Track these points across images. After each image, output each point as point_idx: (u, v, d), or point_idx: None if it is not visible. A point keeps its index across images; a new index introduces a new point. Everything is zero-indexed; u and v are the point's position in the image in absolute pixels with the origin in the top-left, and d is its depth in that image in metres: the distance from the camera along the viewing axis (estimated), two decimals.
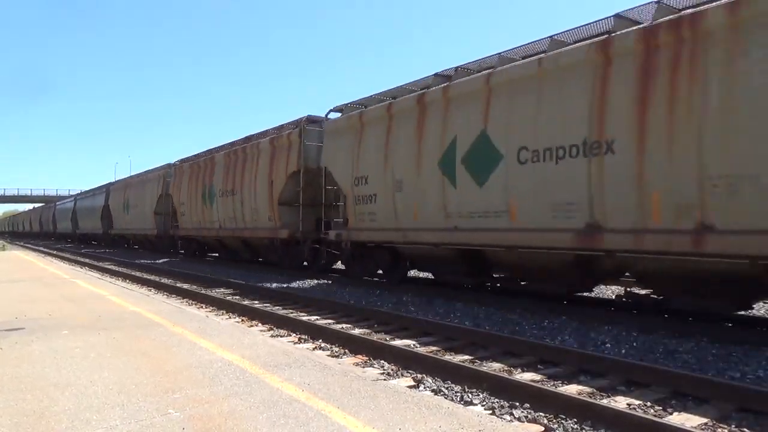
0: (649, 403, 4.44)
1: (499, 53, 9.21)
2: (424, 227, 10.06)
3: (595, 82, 7.34)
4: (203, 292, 11.47)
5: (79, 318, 6.80)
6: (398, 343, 6.51)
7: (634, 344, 6.30)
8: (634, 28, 7.17)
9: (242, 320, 8.39)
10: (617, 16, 7.50)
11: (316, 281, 13.11)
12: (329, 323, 7.89)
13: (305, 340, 6.90)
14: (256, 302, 10.08)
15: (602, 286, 10.54)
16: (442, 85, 9.90)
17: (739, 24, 5.99)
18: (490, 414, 4.07)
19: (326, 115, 13.31)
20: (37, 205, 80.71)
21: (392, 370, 5.47)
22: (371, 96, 12.16)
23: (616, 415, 3.91)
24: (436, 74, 10.38)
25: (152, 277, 14.75)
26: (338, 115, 12.97)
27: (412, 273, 13.26)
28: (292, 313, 8.87)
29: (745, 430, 3.91)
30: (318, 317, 8.54)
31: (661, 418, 4.06)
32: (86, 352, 4.97)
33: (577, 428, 3.89)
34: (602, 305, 8.76)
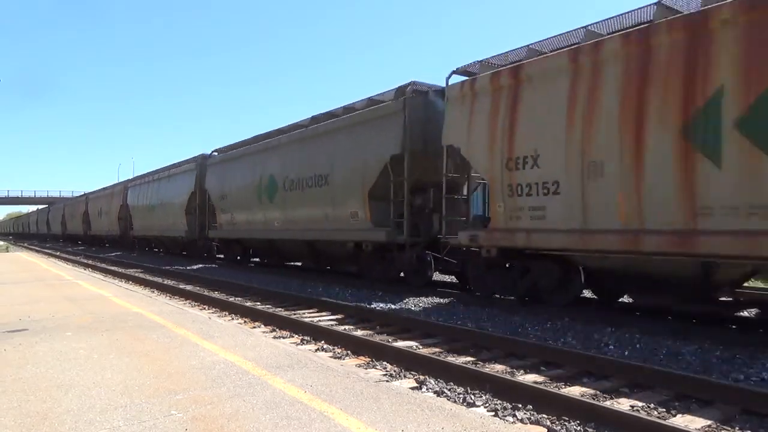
0: (652, 405, 4.43)
1: None
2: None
3: None
4: (206, 293, 11.48)
5: (82, 319, 6.82)
6: (401, 344, 6.51)
7: (638, 346, 6.29)
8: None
9: (245, 321, 8.40)
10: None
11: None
12: (331, 324, 7.89)
13: (308, 342, 6.90)
14: (258, 303, 10.08)
15: None
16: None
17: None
18: (493, 416, 4.07)
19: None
20: (40, 206, 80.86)
21: (395, 371, 5.47)
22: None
23: (620, 417, 3.90)
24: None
25: (155, 279, 14.76)
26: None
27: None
28: (294, 314, 8.88)
29: None
30: (320, 319, 8.54)
31: (665, 420, 4.05)
32: (89, 353, 4.99)
33: (580, 430, 3.88)
34: (605, 307, 8.73)
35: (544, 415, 4.11)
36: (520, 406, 4.30)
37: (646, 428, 3.72)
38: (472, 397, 4.58)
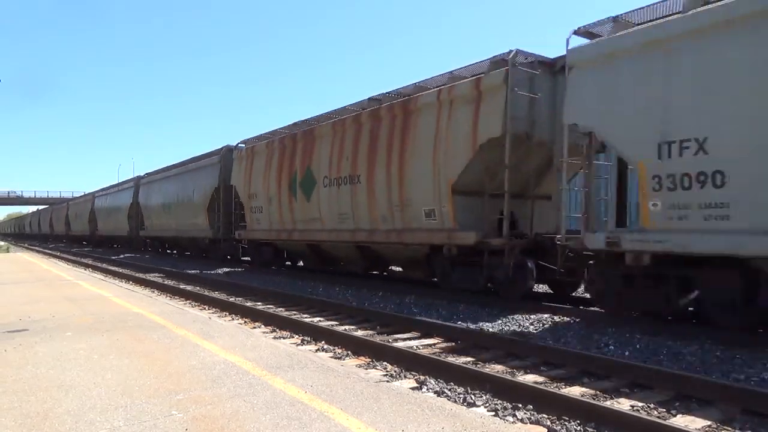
0: (652, 405, 4.42)
1: None
2: None
3: None
4: (206, 293, 11.48)
5: (83, 319, 6.82)
6: (401, 344, 6.51)
7: (638, 346, 6.28)
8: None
9: (245, 322, 8.40)
10: None
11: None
12: (332, 325, 7.89)
13: (308, 342, 6.90)
14: (259, 304, 10.08)
15: None
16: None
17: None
18: (493, 416, 4.07)
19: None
20: (41, 207, 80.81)
21: (395, 371, 5.46)
22: None
23: (620, 417, 3.90)
24: None
25: (155, 279, 14.76)
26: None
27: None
28: (294, 314, 8.87)
29: None
30: (321, 319, 8.54)
31: (665, 420, 4.04)
32: (89, 353, 4.99)
33: (580, 430, 3.88)
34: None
35: (544, 415, 4.11)
36: (520, 406, 4.30)
37: (646, 428, 3.72)
38: (473, 397, 4.58)
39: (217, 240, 19.42)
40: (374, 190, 11.31)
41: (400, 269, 12.94)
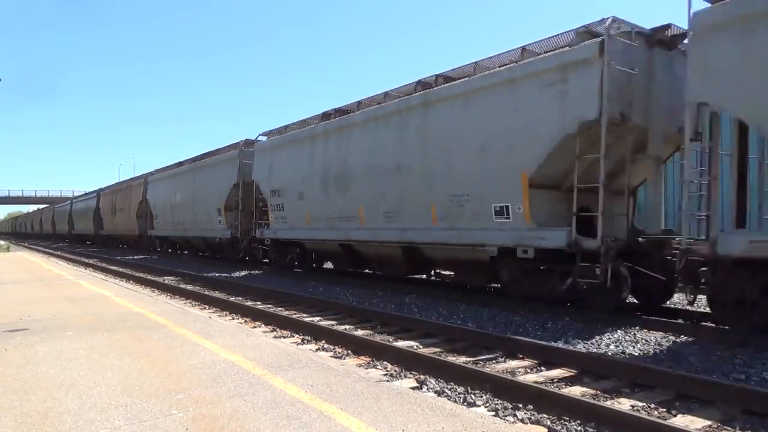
0: (653, 405, 4.42)
1: None
2: None
3: None
4: (206, 293, 11.48)
5: (83, 319, 6.82)
6: (401, 344, 6.51)
7: (638, 346, 6.28)
8: None
9: (245, 321, 8.40)
10: None
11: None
12: (332, 324, 7.89)
13: (308, 341, 6.90)
14: (259, 303, 10.08)
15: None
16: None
17: None
18: (494, 415, 4.07)
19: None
20: (41, 206, 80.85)
21: (395, 371, 5.47)
22: None
23: (620, 417, 3.90)
24: None
25: (156, 278, 14.76)
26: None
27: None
28: (294, 314, 8.88)
29: None
30: (321, 318, 8.54)
31: (665, 420, 4.04)
32: (90, 353, 4.99)
33: (580, 430, 3.87)
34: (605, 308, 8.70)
35: (544, 415, 4.11)
36: (520, 405, 4.30)
37: (646, 428, 3.71)
38: (473, 396, 4.58)
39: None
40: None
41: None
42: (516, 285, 8.88)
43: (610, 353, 6.02)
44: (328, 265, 15.92)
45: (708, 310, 7.36)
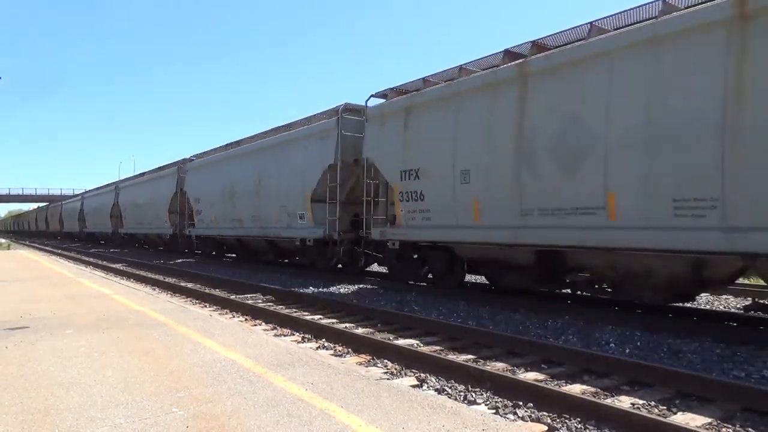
0: (653, 403, 4.42)
1: None
2: None
3: None
4: (207, 291, 11.49)
5: (84, 317, 6.83)
6: (401, 342, 6.51)
7: (638, 344, 6.29)
8: None
9: (246, 319, 8.41)
10: None
11: None
12: (332, 322, 7.90)
13: (308, 340, 6.91)
14: (260, 302, 10.09)
15: None
16: None
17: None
18: (494, 413, 4.07)
19: None
20: (41, 204, 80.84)
21: (395, 369, 5.47)
22: None
23: (620, 415, 3.90)
24: None
25: (157, 276, 14.77)
26: None
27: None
28: (295, 312, 8.88)
29: (749, 430, 3.89)
30: (321, 316, 8.54)
31: (666, 417, 4.05)
32: (90, 351, 4.99)
33: (580, 428, 3.88)
34: (605, 305, 8.73)
35: (544, 413, 4.11)
36: (521, 403, 4.31)
37: (646, 426, 3.72)
38: (473, 394, 4.59)
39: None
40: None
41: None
42: (303, 257, 15.28)
43: (609, 351, 6.02)
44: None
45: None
